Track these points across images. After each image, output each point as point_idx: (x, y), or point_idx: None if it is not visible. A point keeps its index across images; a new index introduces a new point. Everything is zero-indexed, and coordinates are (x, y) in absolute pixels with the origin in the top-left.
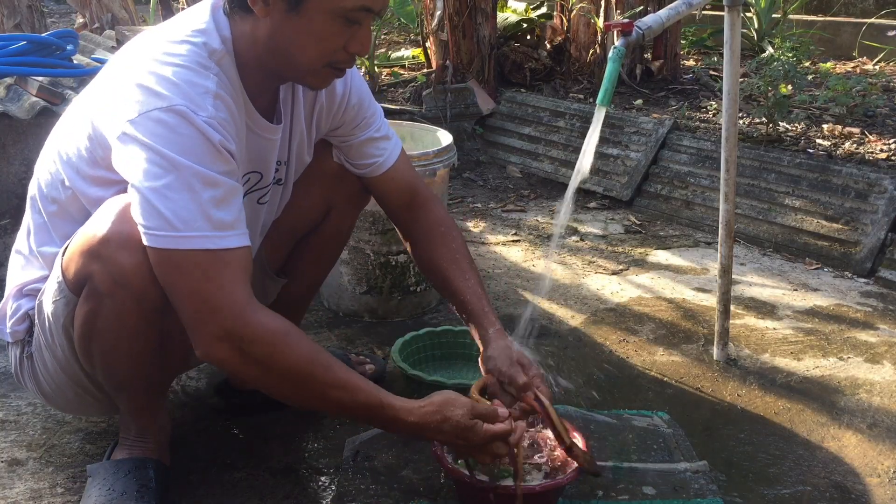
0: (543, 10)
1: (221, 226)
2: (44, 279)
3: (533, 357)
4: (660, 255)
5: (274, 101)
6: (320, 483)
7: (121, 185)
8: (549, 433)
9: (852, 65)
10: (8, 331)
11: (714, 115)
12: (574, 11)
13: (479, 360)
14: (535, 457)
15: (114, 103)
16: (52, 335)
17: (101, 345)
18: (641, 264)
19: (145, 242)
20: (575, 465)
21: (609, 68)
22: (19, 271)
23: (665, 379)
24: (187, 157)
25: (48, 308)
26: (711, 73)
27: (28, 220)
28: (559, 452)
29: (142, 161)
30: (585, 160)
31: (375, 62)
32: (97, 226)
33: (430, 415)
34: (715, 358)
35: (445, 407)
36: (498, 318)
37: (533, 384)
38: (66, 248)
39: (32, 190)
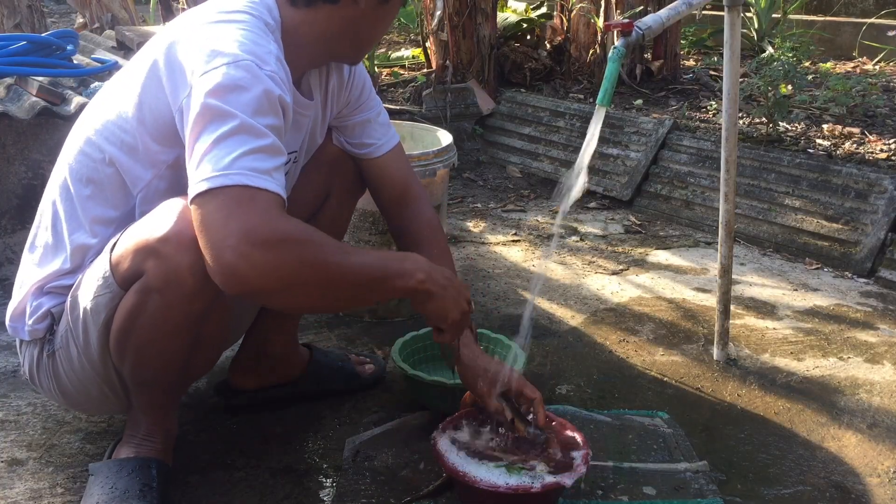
0: (543, 10)
1: (264, 171)
2: (67, 275)
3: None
4: (660, 255)
5: (304, 82)
6: (320, 483)
7: (169, 162)
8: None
9: (852, 65)
10: (27, 329)
11: (714, 115)
12: (574, 11)
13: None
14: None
15: (176, 68)
16: (87, 330)
17: (138, 339)
18: (641, 264)
19: (190, 196)
20: (575, 465)
21: (609, 68)
22: (35, 268)
23: (665, 379)
24: (243, 110)
25: (86, 304)
26: (711, 73)
27: (54, 208)
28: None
29: (203, 116)
30: (584, 162)
31: (375, 62)
32: (156, 224)
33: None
34: (715, 358)
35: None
36: (473, 325)
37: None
38: (114, 243)
39: (61, 175)
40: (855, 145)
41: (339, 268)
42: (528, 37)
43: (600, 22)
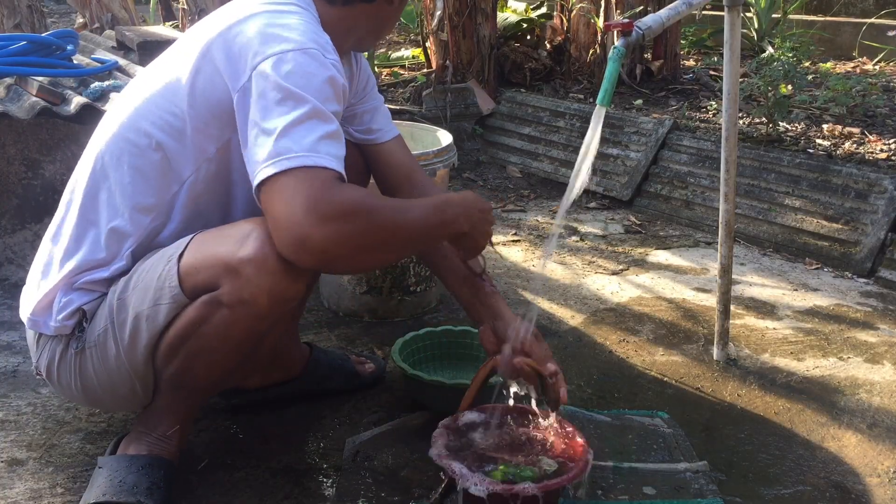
0: (543, 10)
1: (332, 155)
2: (101, 268)
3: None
4: (660, 255)
5: None
6: (320, 483)
7: (220, 146)
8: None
9: (852, 65)
10: (53, 325)
11: (714, 115)
12: (574, 11)
13: (485, 331)
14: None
15: (235, 51)
16: (139, 334)
17: (194, 347)
18: (641, 264)
19: (259, 180)
20: (575, 465)
21: (609, 68)
22: (61, 259)
23: (665, 379)
24: (314, 95)
25: (142, 309)
26: (711, 73)
27: (80, 199)
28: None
29: (273, 99)
30: (585, 165)
31: (375, 62)
32: (237, 241)
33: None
34: (715, 358)
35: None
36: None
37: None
38: (180, 254)
39: (96, 162)
40: (855, 145)
41: (400, 227)
42: (528, 37)
43: (600, 22)
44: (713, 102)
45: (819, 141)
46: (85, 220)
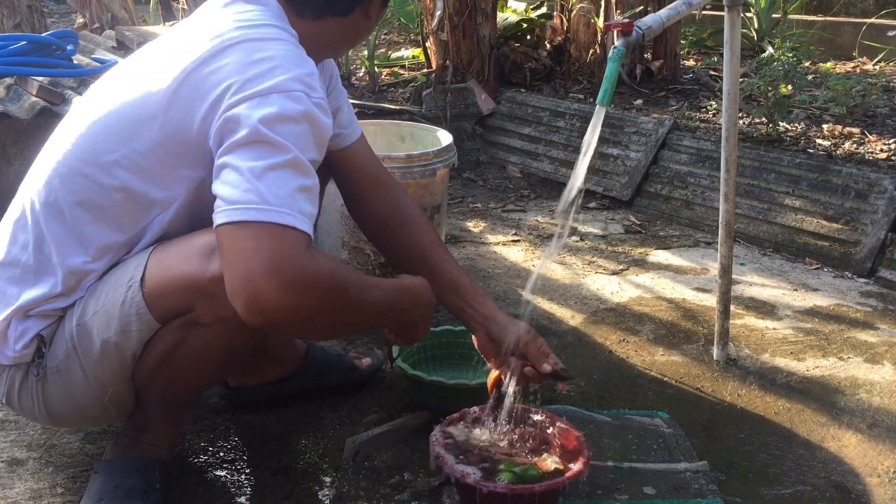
0: (543, 10)
1: (305, 214)
2: (57, 298)
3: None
4: (660, 255)
5: None
6: (320, 483)
7: (190, 185)
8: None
9: (852, 65)
10: (11, 354)
11: (714, 115)
12: (574, 11)
13: (480, 337)
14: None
15: (210, 87)
16: (107, 360)
17: (173, 368)
18: (641, 264)
19: (223, 219)
20: (574, 465)
21: (609, 68)
22: (12, 289)
23: (665, 379)
24: (293, 143)
25: (110, 335)
26: (711, 73)
27: (38, 229)
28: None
29: (249, 143)
30: (583, 164)
31: (375, 62)
32: (203, 261)
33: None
34: (715, 358)
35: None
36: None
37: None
38: (142, 278)
39: (49, 196)
40: (855, 145)
41: (359, 309)
42: (528, 37)
43: (600, 22)
44: (713, 102)
45: (819, 141)
46: (38, 252)
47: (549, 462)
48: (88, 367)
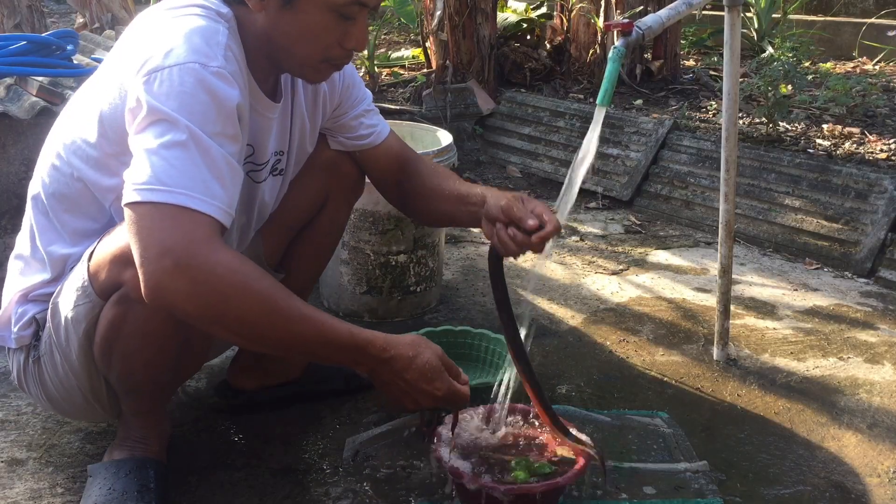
0: (543, 10)
1: (206, 193)
2: (49, 283)
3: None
4: (660, 255)
5: (275, 84)
6: (320, 483)
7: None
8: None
9: (852, 65)
10: (13, 337)
11: (714, 115)
12: (574, 11)
13: (483, 221)
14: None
15: (123, 73)
16: (69, 339)
17: (123, 348)
18: (641, 264)
19: (124, 200)
20: (574, 465)
21: (609, 68)
22: (19, 277)
23: (665, 379)
24: (189, 118)
25: (67, 312)
26: (711, 73)
27: (30, 221)
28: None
29: (146, 121)
30: (585, 165)
31: (375, 62)
32: (127, 237)
33: (406, 347)
34: (715, 358)
35: (420, 344)
36: None
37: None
38: (91, 253)
39: (35, 189)
40: (855, 145)
41: (275, 327)
42: (528, 37)
43: (600, 22)
44: (713, 102)
45: (819, 141)
46: (31, 242)
47: (547, 462)
48: (60, 348)
